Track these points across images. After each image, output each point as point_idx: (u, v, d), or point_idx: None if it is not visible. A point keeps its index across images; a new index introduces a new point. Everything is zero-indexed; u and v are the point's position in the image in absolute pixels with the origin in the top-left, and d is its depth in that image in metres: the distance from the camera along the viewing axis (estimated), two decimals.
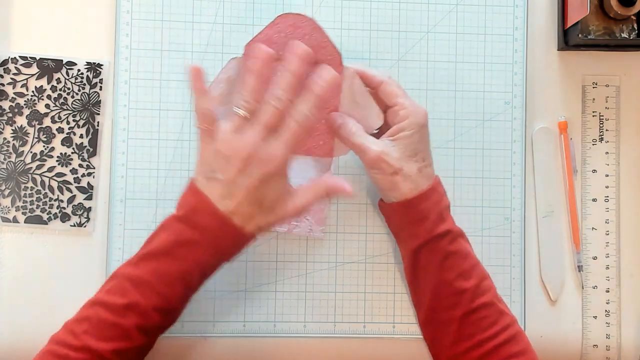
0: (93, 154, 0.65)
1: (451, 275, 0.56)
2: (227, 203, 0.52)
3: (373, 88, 0.59)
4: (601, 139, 0.68)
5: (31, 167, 0.64)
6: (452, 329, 0.56)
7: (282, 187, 0.53)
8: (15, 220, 0.63)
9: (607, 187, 0.68)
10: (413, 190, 0.56)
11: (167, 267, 0.52)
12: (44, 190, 0.64)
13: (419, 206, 0.56)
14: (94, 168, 0.64)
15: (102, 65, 0.65)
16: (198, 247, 0.52)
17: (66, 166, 0.64)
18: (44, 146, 0.64)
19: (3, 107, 0.64)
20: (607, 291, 0.67)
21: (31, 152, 0.64)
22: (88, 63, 0.65)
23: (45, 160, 0.64)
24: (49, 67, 0.64)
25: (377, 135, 0.58)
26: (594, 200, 0.67)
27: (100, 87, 0.65)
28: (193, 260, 0.52)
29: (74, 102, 0.64)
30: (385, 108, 0.59)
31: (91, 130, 0.65)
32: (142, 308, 0.52)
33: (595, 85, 0.68)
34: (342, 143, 0.59)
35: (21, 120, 0.64)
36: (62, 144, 0.64)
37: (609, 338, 0.67)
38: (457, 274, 0.56)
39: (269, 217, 0.53)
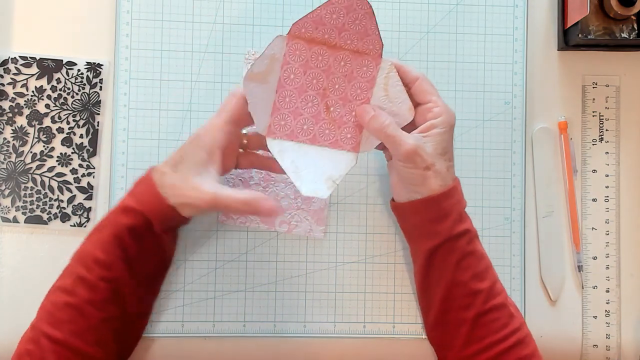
0: (93, 154, 0.65)
1: (466, 275, 0.56)
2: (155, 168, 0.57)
3: (407, 84, 0.59)
4: (601, 139, 0.68)
5: (31, 167, 0.64)
6: (463, 330, 0.56)
7: (199, 160, 0.55)
8: (15, 220, 0.63)
9: (607, 187, 0.68)
10: (442, 187, 0.56)
11: (104, 234, 0.55)
12: (44, 190, 0.64)
13: (442, 203, 0.56)
14: (94, 168, 0.64)
15: (102, 65, 0.65)
16: (129, 211, 0.55)
17: (66, 166, 0.64)
18: (44, 146, 0.64)
19: (3, 107, 0.64)
20: (607, 291, 0.67)
21: (31, 152, 0.64)
22: (88, 63, 0.65)
23: (45, 160, 0.64)
24: (49, 67, 0.64)
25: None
26: (594, 200, 0.67)
27: (100, 87, 0.65)
28: (124, 224, 0.55)
29: (74, 102, 0.64)
30: (415, 105, 0.59)
31: (91, 130, 0.65)
32: (89, 281, 0.54)
33: (595, 85, 0.68)
34: (374, 135, 0.58)
35: (21, 120, 0.64)
36: (62, 144, 0.64)
37: (609, 338, 0.67)
38: (472, 275, 0.56)
39: (178, 184, 0.55)
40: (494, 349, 0.55)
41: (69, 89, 0.64)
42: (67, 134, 0.64)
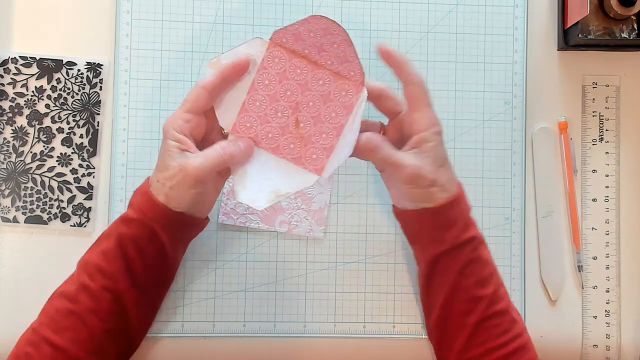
0: (93, 154, 0.65)
1: (469, 281, 0.56)
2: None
3: (404, 83, 0.56)
4: (601, 139, 0.68)
5: (31, 167, 0.64)
6: (463, 334, 0.56)
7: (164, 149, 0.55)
8: (15, 220, 0.63)
9: (607, 187, 0.68)
10: (448, 198, 0.55)
11: (108, 245, 0.56)
12: (44, 190, 0.64)
13: (448, 213, 0.56)
14: (94, 168, 0.64)
15: (102, 65, 0.65)
16: (131, 223, 0.56)
17: (66, 166, 0.64)
18: (44, 146, 0.64)
19: (3, 107, 0.64)
20: (607, 291, 0.67)
21: (31, 152, 0.64)
22: (88, 63, 0.65)
23: (45, 160, 0.64)
24: (49, 67, 0.64)
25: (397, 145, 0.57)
26: (594, 200, 0.67)
27: (100, 87, 0.65)
28: (127, 235, 0.55)
29: (74, 102, 0.64)
30: (394, 114, 0.57)
31: (91, 130, 0.65)
32: (92, 290, 0.55)
33: (595, 85, 0.68)
34: (377, 162, 0.56)
35: (21, 120, 0.64)
36: (62, 144, 0.64)
37: (609, 338, 0.67)
38: (476, 281, 0.56)
39: (159, 175, 0.55)
40: (493, 354, 0.55)
41: (69, 89, 0.64)
42: (67, 134, 0.64)
